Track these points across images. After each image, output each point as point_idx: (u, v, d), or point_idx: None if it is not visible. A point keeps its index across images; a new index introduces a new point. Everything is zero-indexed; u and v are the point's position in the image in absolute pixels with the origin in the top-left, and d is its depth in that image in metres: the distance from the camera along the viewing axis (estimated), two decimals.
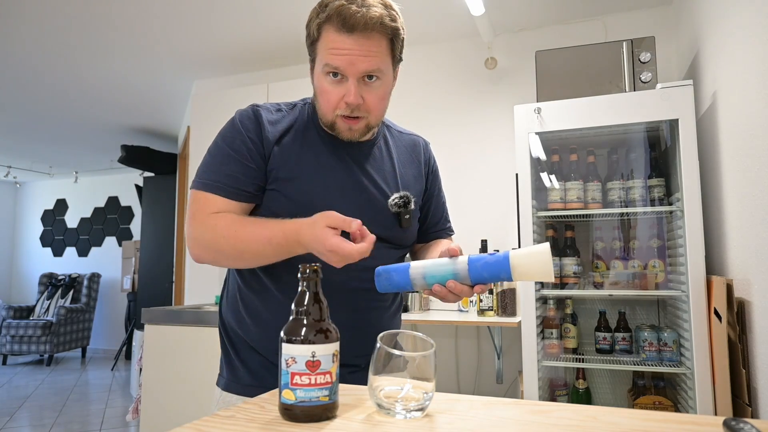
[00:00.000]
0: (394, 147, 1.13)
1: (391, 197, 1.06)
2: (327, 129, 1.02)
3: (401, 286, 0.85)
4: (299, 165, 1.00)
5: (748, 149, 1.66)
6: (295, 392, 0.60)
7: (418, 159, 1.16)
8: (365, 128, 1.00)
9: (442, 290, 0.84)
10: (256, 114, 1.02)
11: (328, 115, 0.98)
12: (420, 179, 1.15)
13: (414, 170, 1.14)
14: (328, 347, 0.62)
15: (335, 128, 0.99)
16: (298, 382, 0.60)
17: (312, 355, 0.61)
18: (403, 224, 1.06)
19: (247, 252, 0.93)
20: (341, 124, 0.98)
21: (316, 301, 0.64)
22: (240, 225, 0.94)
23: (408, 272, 0.84)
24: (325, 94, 0.96)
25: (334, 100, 0.95)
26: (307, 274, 0.65)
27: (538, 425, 0.59)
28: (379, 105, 0.99)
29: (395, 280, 0.85)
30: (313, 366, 0.61)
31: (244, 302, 1.05)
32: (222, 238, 0.94)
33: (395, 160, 1.11)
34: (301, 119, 1.05)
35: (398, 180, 1.09)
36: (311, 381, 0.60)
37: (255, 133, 1.00)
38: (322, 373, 0.61)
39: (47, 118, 4.77)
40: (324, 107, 0.98)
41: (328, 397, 0.62)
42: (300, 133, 1.04)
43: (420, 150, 1.18)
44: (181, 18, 2.94)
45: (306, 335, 0.61)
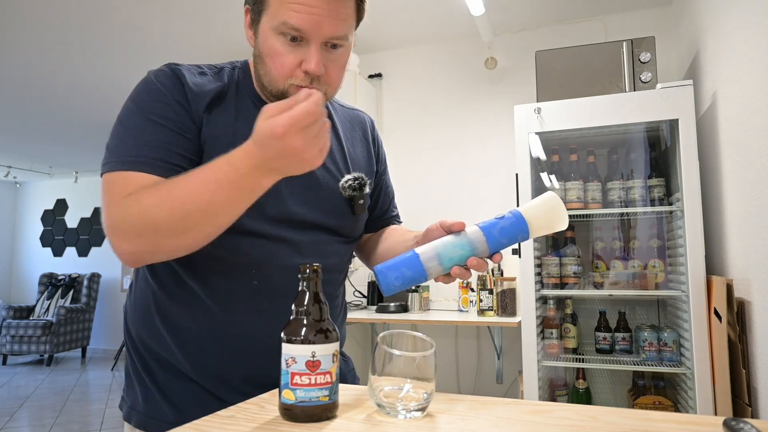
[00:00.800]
0: (339, 123, 0.98)
1: (343, 179, 0.91)
2: (275, 99, 0.81)
3: (415, 278, 0.74)
4: (236, 140, 0.75)
5: (748, 149, 1.66)
6: (295, 392, 0.60)
7: (366, 137, 1.02)
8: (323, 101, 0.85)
9: (461, 272, 0.74)
10: (176, 73, 0.82)
11: (279, 83, 0.80)
12: (370, 160, 1.01)
13: (363, 149, 1.01)
14: (328, 347, 0.62)
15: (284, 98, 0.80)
16: (298, 382, 0.60)
17: (312, 355, 0.60)
18: (357, 210, 0.93)
19: (194, 211, 0.69)
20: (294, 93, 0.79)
21: (316, 301, 0.64)
22: (171, 184, 0.71)
23: (419, 261, 0.74)
24: (278, 57, 0.78)
25: (289, 66, 0.78)
26: (307, 274, 0.65)
27: (538, 425, 0.59)
28: (340, 75, 0.84)
29: (407, 275, 0.73)
30: (313, 366, 0.60)
31: (161, 315, 0.84)
32: (153, 207, 0.69)
33: (342, 137, 0.97)
34: (232, 86, 0.87)
35: (348, 160, 0.95)
36: (311, 381, 0.60)
37: (180, 94, 0.80)
38: (322, 373, 0.61)
39: (47, 118, 4.77)
40: (275, 73, 0.79)
41: (328, 397, 0.62)
42: (232, 102, 0.86)
43: (367, 128, 1.04)
44: (181, 18, 2.94)
45: (306, 335, 0.61)
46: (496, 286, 2.64)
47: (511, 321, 2.45)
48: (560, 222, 0.76)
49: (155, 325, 0.85)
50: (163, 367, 0.85)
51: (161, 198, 0.70)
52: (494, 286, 2.65)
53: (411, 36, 3.22)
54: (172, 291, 0.84)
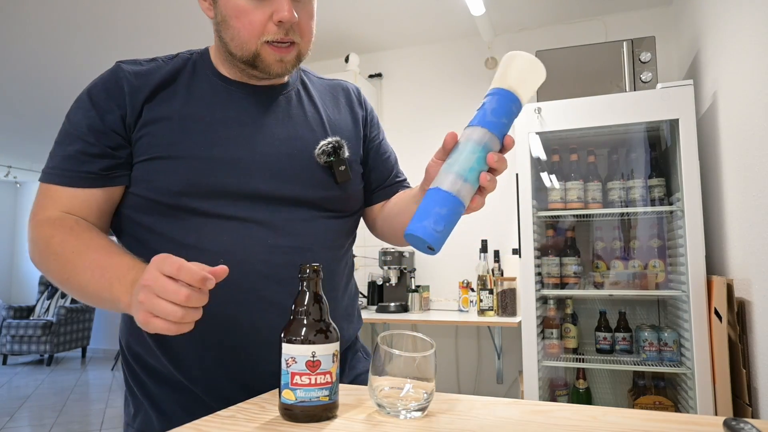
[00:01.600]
0: (316, 92, 0.92)
1: (318, 146, 0.84)
2: (245, 65, 0.80)
3: (452, 212, 0.62)
4: (185, 124, 0.78)
5: (749, 149, 1.66)
6: (295, 392, 0.60)
7: (351, 103, 0.95)
8: (296, 59, 0.80)
9: (489, 178, 0.64)
10: (115, 72, 0.80)
11: (251, 44, 0.76)
12: (356, 126, 0.94)
13: (346, 115, 0.93)
14: (328, 347, 0.62)
15: (259, 61, 0.78)
16: (298, 382, 0.60)
17: (312, 355, 0.60)
18: (339, 178, 0.84)
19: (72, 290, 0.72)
20: (269, 55, 0.77)
21: (316, 301, 0.64)
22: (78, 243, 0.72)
23: (444, 192, 0.63)
24: (245, 15, 0.75)
25: (259, 22, 0.75)
26: (307, 274, 0.64)
27: (538, 425, 0.59)
28: (310, 25, 0.80)
29: (443, 213, 0.61)
30: (313, 366, 0.60)
31: None
32: (52, 258, 0.73)
33: (319, 105, 0.90)
34: (186, 68, 0.84)
35: (326, 126, 0.88)
36: (311, 381, 0.60)
37: (108, 94, 0.78)
38: (322, 373, 0.61)
39: (47, 118, 4.77)
40: (244, 34, 0.76)
41: (328, 397, 0.61)
42: (184, 85, 0.82)
43: (351, 94, 0.97)
44: (181, 18, 2.94)
45: (306, 335, 0.61)
46: (497, 286, 2.64)
47: (512, 321, 2.45)
48: (537, 72, 0.68)
49: (139, 331, 0.80)
50: (151, 375, 0.82)
51: (59, 261, 0.72)
52: (494, 286, 2.65)
53: (411, 36, 3.22)
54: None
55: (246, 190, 0.78)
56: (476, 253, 2.86)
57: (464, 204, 0.64)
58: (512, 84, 0.67)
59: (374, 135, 0.98)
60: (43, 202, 0.77)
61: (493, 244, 2.91)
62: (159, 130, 0.78)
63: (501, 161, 0.64)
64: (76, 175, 0.76)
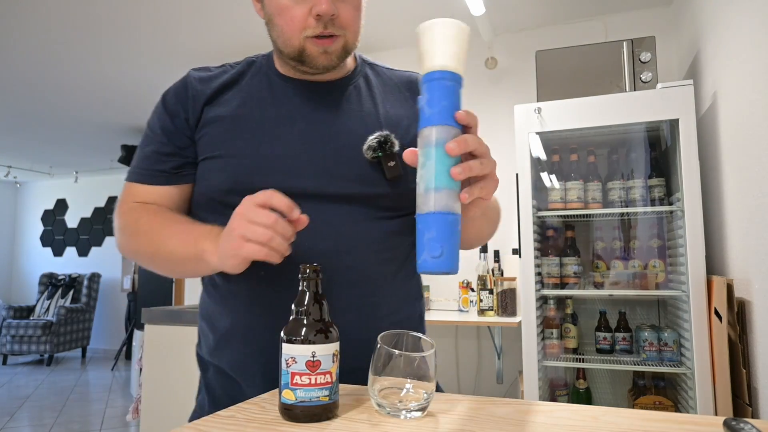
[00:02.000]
0: (379, 86, 0.90)
1: (366, 141, 0.81)
2: (294, 61, 0.80)
3: (445, 229, 0.59)
4: (237, 124, 0.82)
5: (749, 149, 1.66)
6: (295, 392, 0.60)
7: (413, 97, 0.90)
8: (342, 50, 0.80)
9: (461, 169, 0.60)
10: (184, 79, 0.87)
11: (294, 39, 0.78)
12: (414, 119, 0.87)
13: (407, 110, 0.89)
14: (328, 347, 0.61)
15: (305, 56, 0.79)
16: (298, 382, 0.60)
17: (312, 355, 0.60)
18: (388, 174, 0.80)
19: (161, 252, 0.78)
20: (312, 48, 0.78)
21: (316, 300, 0.64)
22: (163, 219, 0.80)
23: (427, 214, 0.60)
24: (287, 12, 0.77)
25: (300, 17, 0.76)
26: (307, 274, 0.64)
27: (538, 425, 0.59)
28: (355, 17, 0.80)
29: (435, 236, 0.59)
30: (313, 366, 0.60)
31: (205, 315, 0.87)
32: (140, 236, 0.80)
33: (378, 99, 0.88)
34: (251, 71, 0.87)
35: (381, 120, 0.85)
36: (311, 381, 0.60)
37: (176, 99, 0.84)
38: (322, 373, 0.61)
39: (47, 118, 4.77)
40: (287, 30, 0.78)
41: (329, 397, 0.61)
42: (244, 87, 0.85)
43: (416, 86, 0.91)
44: (182, 18, 2.94)
45: (306, 335, 0.61)
46: (497, 286, 2.64)
47: (512, 321, 2.45)
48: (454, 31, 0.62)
49: (203, 327, 0.88)
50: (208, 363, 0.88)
51: (147, 236, 0.80)
52: (494, 286, 2.65)
53: (411, 36, 3.22)
54: (209, 290, 0.87)
55: (291, 189, 0.75)
56: (476, 253, 2.86)
57: (452, 213, 0.60)
58: (436, 63, 0.62)
59: None
60: (126, 198, 0.85)
61: (493, 244, 2.91)
62: (214, 131, 0.82)
63: (461, 143, 0.60)
64: (151, 173, 0.84)
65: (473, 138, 0.62)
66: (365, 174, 0.80)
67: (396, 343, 0.66)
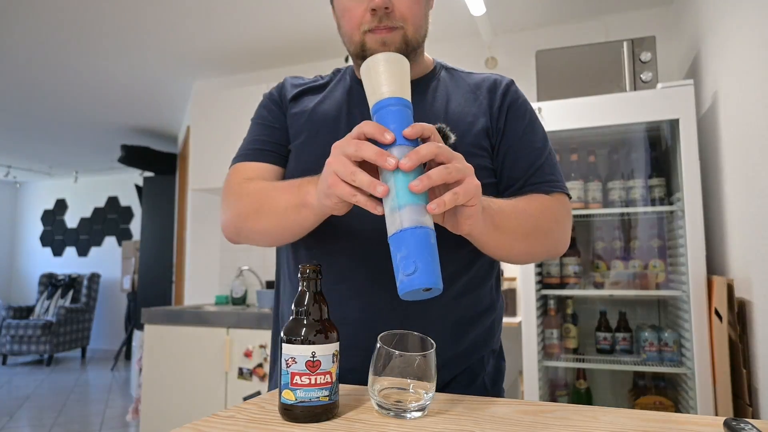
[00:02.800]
0: (452, 87, 0.92)
1: None
2: (359, 59, 0.83)
3: (417, 245, 0.59)
4: (313, 119, 0.90)
5: (749, 149, 1.66)
6: (295, 392, 0.60)
7: (490, 96, 0.90)
8: (402, 41, 0.82)
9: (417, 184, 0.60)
10: (282, 82, 0.99)
11: (355, 36, 0.83)
12: (481, 116, 0.88)
13: (474, 107, 0.89)
14: (328, 347, 0.62)
15: (366, 50, 0.82)
16: (298, 383, 0.60)
17: (312, 356, 0.60)
18: None
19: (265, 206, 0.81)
20: (371, 40, 0.81)
21: (316, 301, 0.64)
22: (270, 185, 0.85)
23: (395, 233, 0.60)
24: (348, 12, 0.82)
25: (358, 14, 0.81)
26: (307, 274, 0.64)
27: (538, 425, 0.59)
28: (413, 10, 0.82)
29: (406, 254, 0.58)
30: (313, 366, 0.60)
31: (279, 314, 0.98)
32: (246, 196, 0.85)
33: (449, 99, 0.89)
34: (337, 77, 0.96)
35: (444, 117, 0.87)
36: (311, 381, 0.60)
37: (277, 94, 0.97)
38: (322, 374, 0.61)
39: (47, 118, 4.77)
40: (349, 28, 0.83)
41: (328, 397, 0.61)
42: (328, 90, 0.94)
43: (492, 86, 0.91)
44: (182, 18, 2.94)
45: (306, 335, 0.61)
46: None
47: (512, 321, 2.45)
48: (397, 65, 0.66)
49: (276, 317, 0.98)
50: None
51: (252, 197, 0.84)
52: None
53: None
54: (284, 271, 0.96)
55: None
56: None
57: (420, 226, 0.59)
58: (381, 92, 0.66)
59: (508, 130, 0.89)
60: (232, 178, 0.91)
61: None
62: (294, 123, 0.92)
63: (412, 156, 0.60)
64: (256, 152, 0.92)
65: (427, 147, 0.61)
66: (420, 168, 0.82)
67: (396, 343, 0.66)
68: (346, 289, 0.84)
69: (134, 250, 6.19)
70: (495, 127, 0.88)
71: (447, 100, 0.90)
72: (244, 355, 2.52)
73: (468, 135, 0.86)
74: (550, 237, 0.86)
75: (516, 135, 0.89)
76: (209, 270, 3.57)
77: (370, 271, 0.82)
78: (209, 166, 3.16)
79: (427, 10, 0.87)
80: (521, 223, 0.80)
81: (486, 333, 0.90)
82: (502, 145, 0.88)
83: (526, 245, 0.83)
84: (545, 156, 0.90)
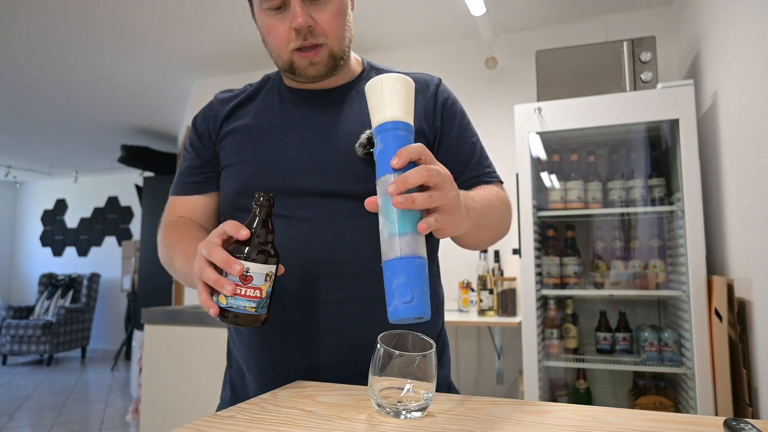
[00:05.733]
0: None
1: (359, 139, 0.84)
2: (288, 74, 0.86)
3: (413, 273, 0.61)
4: (248, 134, 0.88)
5: (749, 149, 1.65)
6: (226, 299, 0.68)
7: (420, 96, 0.91)
8: (329, 58, 0.84)
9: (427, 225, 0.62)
10: (210, 102, 0.97)
11: (283, 54, 0.83)
12: (423, 118, 0.89)
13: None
14: (262, 267, 0.68)
15: (295, 68, 0.84)
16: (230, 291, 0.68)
17: (246, 271, 0.67)
18: None
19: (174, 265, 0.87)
20: (299, 60, 0.83)
21: (264, 226, 0.70)
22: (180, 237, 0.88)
23: (393, 260, 0.61)
24: (272, 30, 0.82)
25: (283, 33, 0.81)
26: (261, 202, 0.70)
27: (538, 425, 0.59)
28: (335, 23, 0.82)
29: (404, 281, 0.60)
30: (246, 280, 0.68)
31: None
32: (164, 248, 0.90)
33: None
34: (266, 87, 0.95)
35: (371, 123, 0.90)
36: (241, 292, 0.67)
37: (202, 119, 0.95)
38: (253, 288, 0.68)
39: (47, 118, 4.77)
40: (276, 46, 0.83)
41: (255, 309, 0.69)
42: (259, 101, 0.93)
43: (424, 86, 0.93)
44: (181, 18, 2.94)
45: (248, 253, 0.68)
46: (497, 286, 2.64)
47: (512, 321, 2.45)
48: (401, 86, 0.66)
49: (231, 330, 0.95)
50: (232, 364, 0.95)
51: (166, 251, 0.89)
52: (494, 286, 2.65)
53: (411, 36, 3.22)
54: None
55: (291, 189, 0.83)
56: (476, 253, 2.86)
57: (419, 257, 0.61)
58: (387, 115, 0.66)
59: (446, 129, 0.92)
60: (167, 212, 0.96)
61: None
62: (229, 143, 0.91)
63: (399, 183, 0.61)
64: (185, 185, 0.94)
65: (416, 173, 0.62)
66: (360, 171, 0.83)
67: (396, 343, 0.66)
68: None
69: (134, 250, 6.19)
70: (431, 126, 0.90)
71: None
72: None
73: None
74: (505, 224, 0.93)
75: (453, 131, 0.92)
76: None
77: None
78: None
79: (348, 19, 0.87)
80: (493, 216, 0.86)
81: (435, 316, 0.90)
82: (442, 143, 0.91)
83: (493, 235, 0.91)
84: (479, 149, 0.96)
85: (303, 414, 0.64)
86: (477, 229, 0.80)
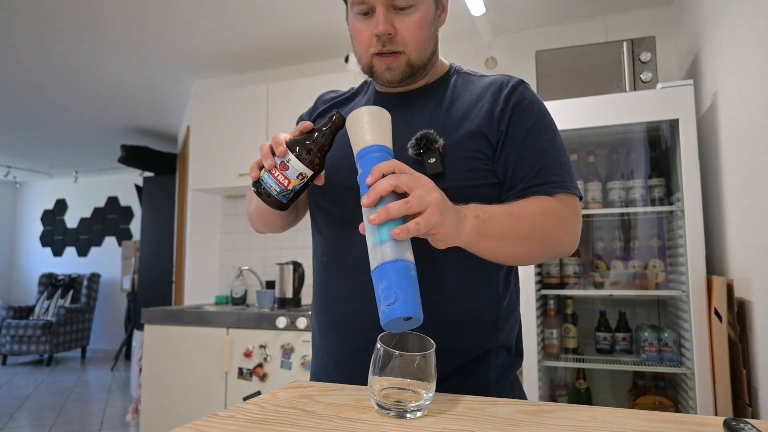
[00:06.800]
0: (460, 91, 0.94)
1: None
2: (369, 76, 0.93)
3: (397, 276, 0.62)
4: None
5: (749, 149, 1.66)
6: (265, 172, 0.80)
7: (494, 98, 0.89)
8: (406, 66, 0.88)
9: (399, 231, 0.64)
10: (315, 100, 1.08)
11: (364, 57, 0.89)
12: (479, 119, 0.88)
13: (475, 110, 0.89)
14: (300, 165, 0.78)
15: (374, 72, 0.90)
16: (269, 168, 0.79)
17: (287, 160, 0.78)
18: (428, 170, 0.83)
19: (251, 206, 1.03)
20: (378, 64, 0.88)
21: (323, 135, 0.79)
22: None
23: (377, 267, 0.64)
24: (358, 34, 0.88)
25: (366, 37, 0.87)
26: (333, 119, 0.79)
27: (538, 425, 0.59)
28: (415, 35, 0.86)
29: (387, 285, 0.62)
30: (283, 167, 0.79)
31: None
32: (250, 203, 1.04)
33: (452, 103, 0.91)
34: (364, 90, 1.02)
35: (443, 122, 0.88)
36: (274, 174, 0.79)
37: (307, 116, 1.05)
38: (284, 176, 0.79)
39: (47, 118, 4.77)
40: (359, 49, 0.90)
41: (278, 193, 0.80)
42: (353, 103, 1.01)
43: (498, 87, 0.91)
44: (181, 18, 2.94)
45: (297, 150, 0.78)
46: None
47: None
48: (379, 116, 0.75)
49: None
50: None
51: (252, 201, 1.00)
52: None
53: None
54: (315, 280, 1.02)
55: (350, 185, 0.83)
56: None
57: (401, 260, 0.63)
58: (365, 140, 0.73)
59: (512, 131, 0.88)
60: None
61: None
62: None
63: (370, 194, 0.67)
64: None
65: (384, 182, 0.66)
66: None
67: (396, 343, 0.66)
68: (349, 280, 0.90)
69: (134, 250, 6.19)
70: (497, 130, 0.87)
71: (450, 104, 0.91)
72: (244, 355, 2.52)
73: (461, 138, 0.87)
74: (549, 239, 0.85)
75: (519, 136, 0.87)
76: (209, 270, 3.57)
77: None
78: (209, 167, 3.16)
79: (433, 30, 0.90)
80: (515, 228, 0.80)
81: (489, 328, 0.90)
82: (505, 147, 0.87)
83: (521, 249, 0.83)
84: (551, 156, 0.88)
85: (303, 414, 0.64)
86: (488, 240, 0.77)
